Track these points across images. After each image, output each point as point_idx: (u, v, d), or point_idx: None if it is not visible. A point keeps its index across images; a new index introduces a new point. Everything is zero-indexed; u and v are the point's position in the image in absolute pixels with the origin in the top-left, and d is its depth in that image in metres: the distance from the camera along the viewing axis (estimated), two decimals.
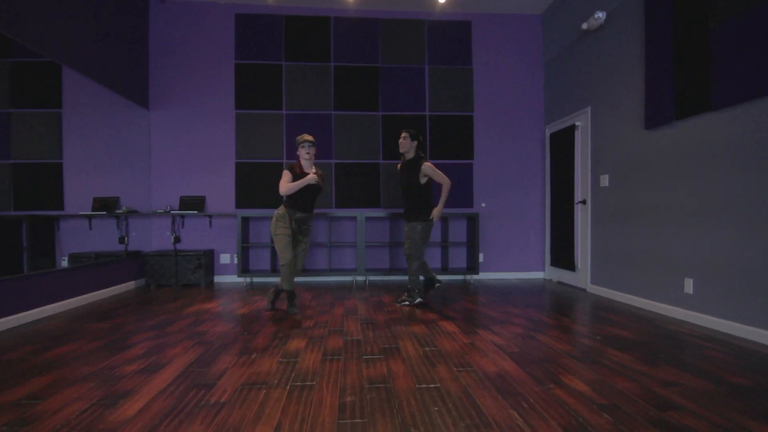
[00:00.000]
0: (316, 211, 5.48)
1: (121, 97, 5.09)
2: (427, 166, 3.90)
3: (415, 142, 3.99)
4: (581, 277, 5.01)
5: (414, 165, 3.99)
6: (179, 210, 5.46)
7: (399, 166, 4.16)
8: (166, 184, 5.58)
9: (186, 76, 5.56)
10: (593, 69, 4.77)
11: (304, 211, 3.65)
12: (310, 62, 5.66)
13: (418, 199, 3.97)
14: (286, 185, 3.52)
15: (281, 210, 3.63)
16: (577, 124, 5.05)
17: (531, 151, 5.90)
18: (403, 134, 3.99)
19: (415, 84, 5.78)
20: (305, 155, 3.64)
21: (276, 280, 5.66)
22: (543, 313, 3.68)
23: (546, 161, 5.84)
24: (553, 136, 5.62)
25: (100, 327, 3.25)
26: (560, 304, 4.07)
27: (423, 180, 3.94)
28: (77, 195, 4.90)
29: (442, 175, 3.89)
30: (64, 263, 4.47)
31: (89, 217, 5.14)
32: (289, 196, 3.59)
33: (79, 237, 4.90)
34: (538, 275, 5.88)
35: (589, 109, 4.85)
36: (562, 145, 5.37)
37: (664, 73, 3.67)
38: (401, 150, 4.04)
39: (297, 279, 5.73)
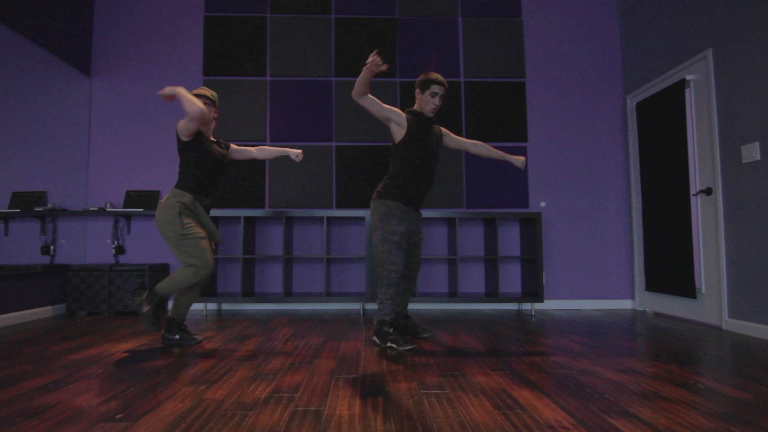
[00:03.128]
0: (317, 212, 3.92)
1: (56, 59, 3.75)
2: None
3: None
4: (708, 307, 3.27)
5: (436, 126, 2.71)
6: (123, 208, 3.98)
7: (409, 121, 2.56)
8: (109, 175, 4.13)
9: (141, 33, 4.20)
10: None
11: (210, 196, 2.55)
12: (304, 14, 4.24)
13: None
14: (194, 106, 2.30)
15: (182, 197, 2.39)
16: (688, 78, 3.43)
17: (608, 129, 4.27)
18: (443, 86, 2.57)
19: (444, 41, 4.28)
20: None
21: (252, 308, 4.06)
22: (698, 372, 1.97)
23: (631, 141, 4.19)
24: (641, 105, 3.99)
25: None
26: (702, 350, 2.35)
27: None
28: None
29: None
30: None
31: (4, 219, 3.76)
32: (194, 175, 2.44)
33: None
34: (623, 304, 4.13)
35: (709, 53, 3.24)
36: (660, 114, 3.74)
37: None
38: (433, 110, 2.61)
39: (271, 307, 4.11)
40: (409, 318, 2.80)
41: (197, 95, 2.48)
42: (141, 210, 3.84)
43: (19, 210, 3.74)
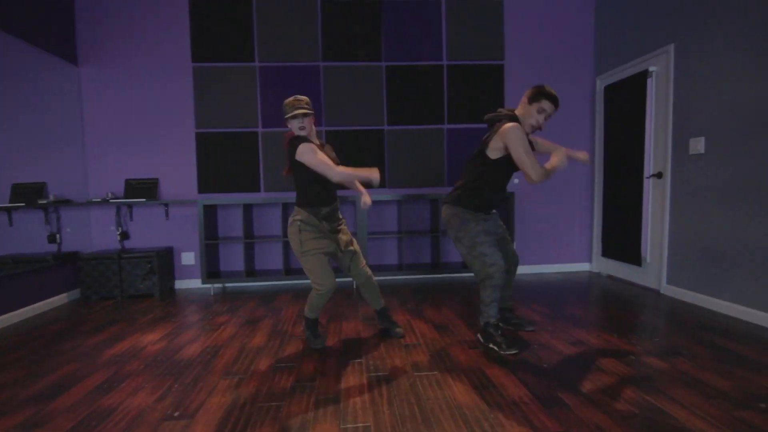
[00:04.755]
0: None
1: (41, 51, 3.73)
2: None
3: None
4: (651, 273, 3.82)
5: (531, 137, 2.63)
6: (124, 198, 4.18)
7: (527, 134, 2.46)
8: (106, 164, 4.27)
9: (127, 19, 4.16)
10: None
11: (331, 203, 2.53)
12: None
13: None
14: (339, 168, 2.31)
15: (301, 215, 2.46)
16: (650, 69, 3.73)
17: (576, 110, 4.59)
18: (555, 106, 2.37)
19: (429, 23, 4.39)
20: (298, 130, 2.40)
21: (255, 284, 4.44)
22: (632, 343, 2.49)
23: (597, 123, 4.53)
24: (609, 89, 4.30)
25: None
26: (640, 318, 2.88)
27: None
28: None
29: None
30: None
31: (8, 210, 3.91)
32: (311, 190, 2.45)
33: None
34: (582, 267, 4.69)
35: (671, 48, 3.52)
36: (624, 100, 4.06)
37: None
38: (533, 127, 2.41)
39: (271, 283, 4.51)
40: (512, 311, 2.86)
41: (296, 106, 2.37)
42: (143, 200, 4.05)
43: (23, 204, 3.90)
